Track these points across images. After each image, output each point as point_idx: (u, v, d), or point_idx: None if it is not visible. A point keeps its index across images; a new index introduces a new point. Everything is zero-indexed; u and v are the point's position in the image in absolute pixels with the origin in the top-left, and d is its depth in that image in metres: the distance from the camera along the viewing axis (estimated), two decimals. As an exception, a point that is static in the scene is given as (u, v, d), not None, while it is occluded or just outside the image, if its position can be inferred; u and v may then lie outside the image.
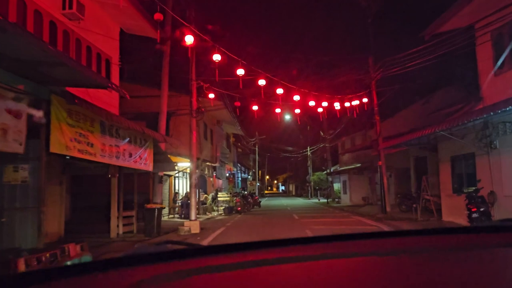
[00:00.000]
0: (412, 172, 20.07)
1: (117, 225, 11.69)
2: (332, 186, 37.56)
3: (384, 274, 1.04)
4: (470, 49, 12.64)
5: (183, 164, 18.68)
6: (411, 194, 18.57)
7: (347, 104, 16.82)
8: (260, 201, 31.29)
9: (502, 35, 11.41)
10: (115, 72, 12.14)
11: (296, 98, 14.45)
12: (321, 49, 47.22)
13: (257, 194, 38.92)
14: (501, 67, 11.52)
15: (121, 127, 9.19)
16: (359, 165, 26.93)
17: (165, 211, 18.98)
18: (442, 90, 22.35)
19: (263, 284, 0.99)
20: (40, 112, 6.26)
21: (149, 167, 11.52)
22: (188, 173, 18.33)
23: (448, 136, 11.89)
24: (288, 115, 28.72)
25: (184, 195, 20.07)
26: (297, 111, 16.21)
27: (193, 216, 13.77)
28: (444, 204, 14.23)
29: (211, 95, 14.79)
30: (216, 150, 26.54)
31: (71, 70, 5.69)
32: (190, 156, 14.40)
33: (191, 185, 14.39)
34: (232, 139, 37.84)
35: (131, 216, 12.63)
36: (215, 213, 21.68)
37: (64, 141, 6.82)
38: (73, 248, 5.53)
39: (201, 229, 13.46)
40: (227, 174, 35.87)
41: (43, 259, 5.03)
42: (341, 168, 32.63)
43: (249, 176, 56.56)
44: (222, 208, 22.76)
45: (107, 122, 8.57)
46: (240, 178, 49.60)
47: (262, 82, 12.66)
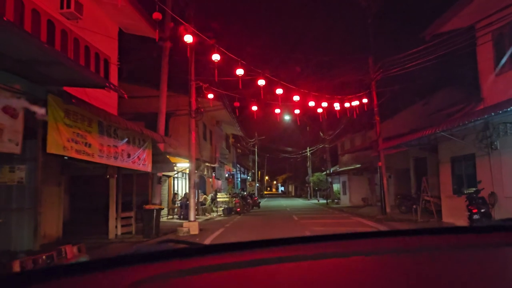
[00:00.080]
0: (412, 173, 20.01)
1: (116, 226, 11.60)
2: (332, 187, 37.49)
3: (384, 274, 1.04)
4: (470, 50, 12.59)
5: (182, 164, 18.61)
6: (410, 195, 18.52)
7: (347, 105, 16.76)
8: (260, 202, 31.22)
9: (503, 36, 11.36)
10: (113, 72, 12.07)
11: (296, 98, 14.38)
12: (321, 49, 47.20)
13: (256, 194, 38.83)
14: (502, 67, 11.46)
15: (120, 127, 9.11)
16: (358, 166, 26.86)
17: (164, 212, 18.89)
18: (442, 90, 22.30)
19: (264, 283, 0.99)
20: (37, 112, 6.18)
21: (147, 167, 11.43)
22: (187, 173, 18.24)
23: (448, 136, 11.83)
24: (287, 116, 28.63)
25: (183, 195, 20.00)
26: (297, 111, 16.14)
27: (192, 217, 13.70)
28: (444, 205, 14.17)
29: (210, 96, 14.72)
30: (215, 150, 26.47)
31: (68, 69, 5.62)
32: (189, 157, 14.33)
33: (190, 186, 14.32)
34: (231, 140, 37.77)
35: (130, 217, 12.55)
36: (214, 214, 21.61)
37: (61, 141, 6.74)
38: (70, 249, 5.46)
39: (200, 230, 13.39)
40: (227, 175, 35.78)
41: (39, 261, 4.95)
42: (341, 169, 32.57)
43: (248, 177, 56.49)
44: (221, 209, 22.69)
45: (105, 122, 8.49)
46: (239, 179, 49.53)
47: (261, 82, 12.60)
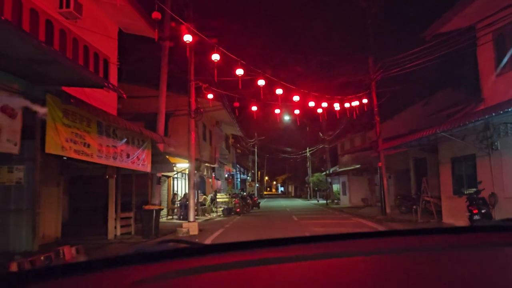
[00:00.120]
0: (411, 174, 19.97)
1: (115, 227, 11.56)
2: (331, 187, 37.45)
3: (384, 274, 1.04)
4: (471, 50, 12.56)
5: (182, 165, 18.57)
6: (410, 195, 18.48)
7: (346, 105, 16.72)
8: (259, 202, 31.16)
9: (504, 36, 11.32)
10: (113, 72, 12.03)
11: (296, 98, 14.34)
12: (321, 50, 47.18)
13: (256, 195, 38.79)
14: (503, 68, 11.43)
15: (119, 127, 9.06)
16: (358, 166, 26.83)
17: (164, 212, 18.84)
18: (442, 91, 22.27)
19: (264, 283, 0.99)
20: (35, 112, 6.14)
21: (147, 168, 11.40)
22: (187, 174, 18.21)
23: (448, 137, 11.79)
24: (287, 116, 28.59)
25: (182, 196, 19.96)
26: (297, 111, 16.11)
27: (191, 217, 13.66)
28: (445, 205, 14.13)
29: (210, 96, 14.68)
30: (215, 151, 26.43)
31: (66, 69, 5.58)
32: (189, 157, 14.29)
33: (189, 186, 14.27)
34: (231, 140, 37.73)
35: (129, 218, 12.50)
36: (214, 214, 21.56)
37: (60, 141, 6.70)
38: (68, 250, 5.41)
39: (200, 230, 13.35)
40: (226, 175, 35.74)
41: (37, 262, 4.91)
42: (341, 169, 32.53)
43: (248, 177, 56.46)
44: (221, 209, 22.64)
45: (104, 123, 8.45)
46: (239, 179, 49.48)
47: (261, 82, 12.55)
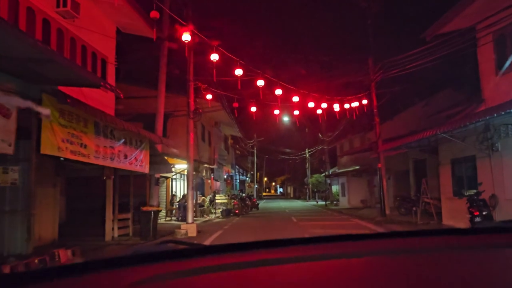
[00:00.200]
0: (411, 175, 19.89)
1: (112, 228, 11.46)
2: (331, 188, 37.38)
3: (384, 275, 1.04)
4: (471, 51, 12.49)
5: (181, 166, 18.46)
6: (410, 197, 18.39)
7: (346, 106, 16.65)
8: (258, 204, 31.07)
9: (504, 36, 11.26)
10: (111, 72, 11.93)
11: (295, 99, 14.26)
12: (321, 50, 47.14)
13: (255, 196, 38.71)
14: (505, 68, 11.36)
15: (116, 128, 8.96)
16: (357, 167, 26.76)
17: (162, 213, 18.74)
18: (442, 92, 22.22)
19: (264, 284, 0.99)
20: (31, 111, 6.03)
21: (145, 169, 11.29)
22: (186, 175, 18.11)
23: (448, 138, 11.71)
24: (286, 117, 28.48)
25: (181, 197, 19.85)
26: (296, 112, 16.03)
27: (190, 219, 13.55)
28: (445, 207, 14.05)
29: (209, 96, 14.58)
30: (214, 152, 26.33)
31: (62, 68, 5.48)
32: (188, 158, 14.20)
33: (188, 187, 14.17)
34: (230, 141, 37.63)
35: (127, 219, 12.40)
36: (213, 216, 21.46)
37: (56, 142, 6.59)
38: (64, 253, 5.31)
39: (198, 232, 13.24)
40: (225, 176, 35.65)
41: (31, 265, 4.81)
42: (340, 171, 32.46)
43: (247, 178, 56.36)
44: (219, 210, 22.54)
45: (101, 123, 8.35)
46: (238, 180, 49.38)
47: (260, 82, 12.47)
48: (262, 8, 56.85)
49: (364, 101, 17.21)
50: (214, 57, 10.95)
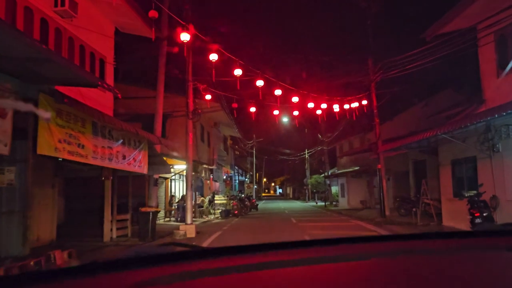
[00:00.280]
0: (411, 176, 19.82)
1: (111, 229, 11.38)
2: (330, 189, 37.31)
3: (385, 277, 1.04)
4: (472, 51, 12.43)
5: (179, 166, 18.39)
6: (410, 198, 18.34)
7: (346, 106, 16.59)
8: (258, 204, 30.99)
9: (506, 37, 11.19)
10: (109, 72, 11.85)
11: (295, 99, 14.19)
12: (320, 51, 47.09)
13: (254, 197, 38.64)
14: (504, 68, 11.30)
15: (114, 128, 8.88)
16: (357, 168, 26.70)
17: (161, 214, 18.66)
18: (442, 92, 22.16)
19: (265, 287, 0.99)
20: (28, 111, 5.96)
21: (143, 169, 11.21)
22: (185, 175, 18.04)
23: (449, 139, 11.65)
24: (286, 118, 28.40)
25: (180, 198, 19.76)
26: (296, 113, 15.96)
27: (189, 219, 13.46)
28: (445, 208, 13.98)
29: (208, 96, 14.50)
30: (213, 152, 26.25)
31: (59, 67, 5.40)
32: (186, 159, 14.12)
33: (187, 188, 14.09)
34: (229, 142, 37.54)
35: (126, 220, 12.33)
36: (212, 217, 21.38)
37: (53, 142, 6.52)
38: (60, 255, 5.23)
39: (197, 233, 13.17)
40: (224, 177, 35.56)
41: (26, 267, 4.73)
42: (339, 171, 32.39)
43: (246, 179, 56.26)
44: (218, 211, 22.45)
45: (99, 123, 8.27)
46: (237, 181, 49.29)
47: (260, 83, 12.39)
48: (260, 8, 56.84)
49: (364, 102, 17.15)
50: (213, 57, 10.87)
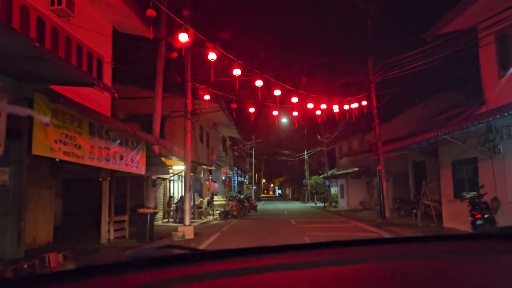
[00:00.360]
0: (410, 177, 19.73)
1: (108, 231, 11.25)
2: (329, 190, 37.21)
3: (385, 280, 1.03)
4: (472, 51, 12.34)
5: (178, 167, 18.28)
6: (409, 199, 18.26)
7: (346, 107, 16.49)
8: (257, 205, 30.88)
9: (507, 37, 11.10)
10: (107, 72, 11.74)
11: (294, 100, 14.09)
12: (320, 51, 47.02)
13: (253, 197, 38.51)
14: (505, 68, 11.21)
15: (111, 128, 8.77)
16: (356, 169, 26.61)
17: (160, 215, 18.55)
18: (442, 93, 22.09)
19: None
20: (22, 111, 5.84)
21: (141, 170, 11.09)
22: (183, 176, 17.92)
23: (449, 140, 11.56)
24: (285, 118, 28.30)
25: (179, 199, 19.64)
26: (295, 113, 15.86)
27: (187, 221, 13.35)
28: (445, 209, 13.90)
29: (207, 97, 14.39)
30: (212, 153, 26.14)
31: (54, 66, 5.29)
32: (185, 159, 14.02)
33: (185, 189, 13.97)
34: (228, 142, 37.43)
35: (123, 221, 12.21)
36: (211, 218, 21.26)
37: (48, 142, 6.40)
38: (54, 257, 5.11)
39: (196, 234, 13.05)
40: (223, 178, 35.42)
41: (20, 270, 4.61)
42: (339, 172, 32.30)
43: (245, 180, 56.13)
44: (217, 212, 22.34)
45: (96, 123, 8.15)
46: (236, 182, 49.17)
47: (259, 83, 12.28)
48: (259, 8, 56.77)
49: (364, 103, 17.07)
50: (212, 56, 10.76)
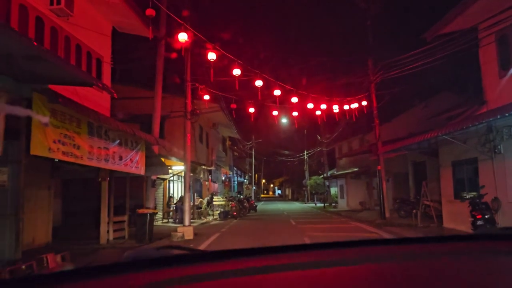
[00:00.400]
0: (410, 177, 19.70)
1: (107, 231, 11.21)
2: (329, 190, 37.17)
3: (385, 281, 1.03)
4: (473, 51, 12.31)
5: (178, 167, 18.24)
6: (409, 199, 18.24)
7: (346, 107, 16.46)
8: (256, 206, 30.85)
9: (507, 37, 11.07)
10: (106, 72, 11.69)
11: (294, 100, 14.06)
12: (320, 51, 46.97)
13: (253, 198, 38.47)
14: (506, 68, 11.18)
15: (110, 128, 8.73)
16: (356, 169, 26.58)
17: (159, 215, 18.51)
18: (443, 93, 22.06)
19: None
20: (20, 111, 5.80)
21: (140, 170, 11.05)
22: (183, 176, 17.88)
23: (449, 140, 11.54)
24: (285, 118, 28.26)
25: (178, 199, 19.60)
26: (295, 114, 15.83)
27: (186, 221, 13.31)
28: (445, 210, 13.87)
29: (207, 97, 14.35)
30: (211, 153, 26.10)
31: (51, 65, 5.25)
32: (185, 160, 13.98)
33: (185, 189, 13.94)
34: (228, 143, 37.39)
35: (123, 221, 12.17)
36: (210, 218, 21.23)
37: (47, 142, 6.36)
38: (52, 258, 5.07)
39: (195, 234, 13.01)
40: (223, 178, 35.38)
41: (17, 272, 4.57)
42: (338, 173, 32.27)
43: (245, 180, 56.09)
44: (217, 212, 22.30)
45: (95, 123, 8.11)
46: (236, 182, 49.12)
47: (259, 83, 12.24)
48: (260, 8, 56.76)
49: (364, 103, 17.03)
50: (212, 56, 10.71)
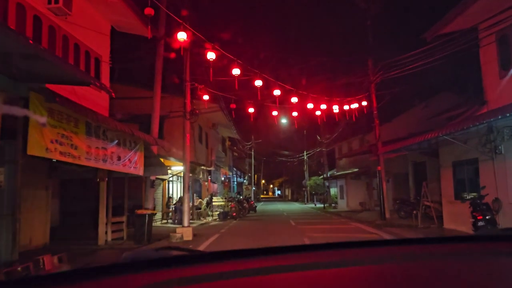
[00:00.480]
0: (410, 178, 19.64)
1: (106, 232, 11.14)
2: (329, 191, 37.11)
3: (385, 282, 1.02)
4: (473, 51, 12.26)
5: (177, 168, 18.17)
6: (409, 200, 18.17)
7: (346, 107, 16.40)
8: (256, 206, 30.78)
9: (508, 37, 11.01)
10: (105, 71, 11.63)
11: (294, 100, 13.99)
12: (320, 51, 46.92)
13: (252, 198, 38.41)
14: (506, 68, 11.13)
15: (109, 128, 8.66)
16: (356, 170, 26.52)
17: (158, 216, 18.44)
18: (443, 93, 22.00)
19: None
20: (17, 110, 5.73)
21: (139, 171, 10.98)
22: (182, 177, 17.81)
23: (450, 140, 11.48)
24: (285, 119, 28.20)
25: (177, 199, 19.54)
26: (295, 114, 15.77)
27: (186, 222, 13.24)
28: (446, 210, 13.81)
29: (206, 97, 14.29)
30: (211, 153, 26.03)
31: (48, 64, 5.19)
32: (184, 160, 13.91)
33: (184, 190, 13.87)
34: (227, 143, 37.31)
35: (121, 222, 12.09)
36: (210, 219, 21.16)
37: (44, 142, 6.29)
38: (49, 260, 5.00)
39: (194, 235, 12.95)
40: (223, 178, 35.29)
41: (13, 274, 4.50)
42: (338, 173, 32.21)
43: (244, 180, 56.01)
44: (216, 213, 22.23)
45: (93, 123, 8.05)
46: (235, 182, 49.03)
47: (258, 83, 12.18)
48: (260, 8, 56.73)
49: (364, 103, 16.98)
50: (211, 56, 10.65)
